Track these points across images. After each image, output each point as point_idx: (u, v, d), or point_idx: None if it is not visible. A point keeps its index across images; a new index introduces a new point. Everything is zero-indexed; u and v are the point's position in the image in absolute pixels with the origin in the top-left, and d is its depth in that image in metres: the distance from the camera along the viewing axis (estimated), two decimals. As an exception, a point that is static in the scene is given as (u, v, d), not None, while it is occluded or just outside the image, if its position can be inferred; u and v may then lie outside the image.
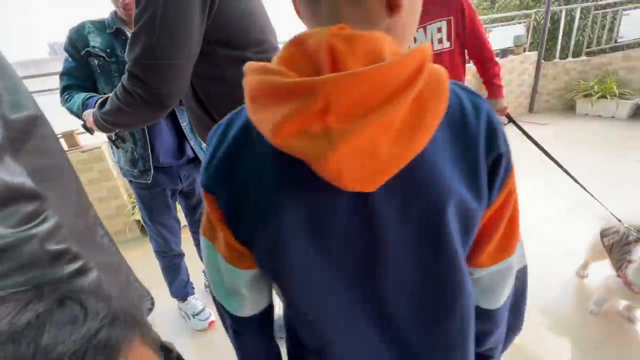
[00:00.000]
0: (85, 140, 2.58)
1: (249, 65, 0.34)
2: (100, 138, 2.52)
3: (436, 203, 0.36)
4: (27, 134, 0.44)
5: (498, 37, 4.62)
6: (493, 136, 0.37)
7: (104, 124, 0.92)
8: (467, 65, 1.75)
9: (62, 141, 2.48)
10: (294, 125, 0.30)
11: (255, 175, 0.37)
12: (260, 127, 0.33)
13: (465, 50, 1.71)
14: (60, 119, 2.45)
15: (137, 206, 2.59)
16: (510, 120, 1.75)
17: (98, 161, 2.49)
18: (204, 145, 1.43)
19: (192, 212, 1.66)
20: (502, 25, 4.75)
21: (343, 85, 0.29)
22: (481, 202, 0.38)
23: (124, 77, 0.77)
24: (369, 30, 0.32)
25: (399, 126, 0.30)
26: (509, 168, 0.39)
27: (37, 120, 0.47)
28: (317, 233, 0.37)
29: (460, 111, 0.37)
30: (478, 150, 0.37)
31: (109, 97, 0.87)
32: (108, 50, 1.26)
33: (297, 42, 0.32)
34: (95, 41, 1.25)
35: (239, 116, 0.40)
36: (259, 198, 0.37)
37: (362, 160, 0.30)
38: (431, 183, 0.35)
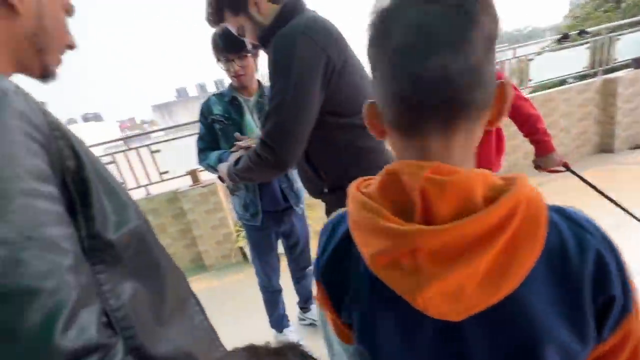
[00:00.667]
0: (205, 176, 3.06)
1: (352, 195, 0.40)
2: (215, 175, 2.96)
3: (528, 344, 0.35)
4: (127, 248, 0.52)
5: (627, 45, 3.89)
6: (603, 277, 0.34)
7: (235, 177, 1.12)
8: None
9: (188, 178, 3.00)
10: (388, 258, 0.36)
11: (355, 274, 0.42)
12: (359, 248, 0.39)
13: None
14: (184, 158, 3.00)
15: (241, 234, 2.92)
16: (569, 170, 1.53)
17: (213, 195, 2.92)
18: (301, 194, 1.70)
19: (291, 250, 1.85)
20: (631, 32, 4.00)
21: (432, 237, 0.33)
22: (586, 343, 0.36)
23: (257, 143, 0.96)
24: (454, 162, 0.35)
25: (485, 271, 0.33)
26: (626, 310, 0.36)
27: (137, 229, 0.54)
28: (406, 339, 0.40)
29: (560, 249, 0.35)
30: (582, 293, 0.34)
31: (242, 156, 1.07)
32: (226, 116, 1.54)
33: (393, 173, 0.37)
34: (217, 109, 1.55)
35: (343, 221, 0.46)
36: (357, 295, 0.42)
37: (447, 300, 0.34)
38: (523, 323, 0.35)
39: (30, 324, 0.34)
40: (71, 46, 0.60)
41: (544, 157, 1.51)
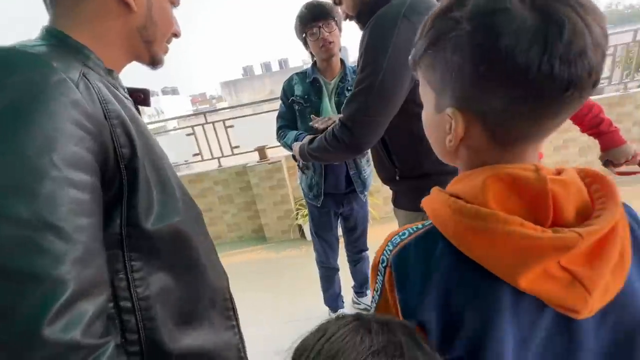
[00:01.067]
0: (271, 154, 3.21)
1: (457, 207, 0.37)
2: (282, 153, 3.08)
3: (636, 319, 0.39)
4: (164, 241, 0.52)
5: None
6: None
7: (308, 156, 1.13)
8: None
9: (256, 154, 3.17)
10: (539, 270, 0.34)
11: (470, 301, 0.38)
12: (487, 264, 0.36)
13: None
14: (255, 136, 3.17)
15: (300, 212, 3.03)
16: None
17: (277, 172, 3.04)
18: (368, 182, 1.68)
19: (349, 233, 1.88)
20: None
21: (586, 240, 0.33)
22: None
23: (336, 125, 0.94)
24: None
25: (613, 266, 0.35)
26: None
27: (180, 225, 0.54)
28: (521, 346, 0.39)
29: (635, 235, 0.40)
30: None
31: (318, 136, 1.07)
32: (305, 97, 1.56)
33: (507, 180, 0.36)
34: (298, 90, 1.58)
35: (430, 240, 0.40)
36: (474, 322, 0.38)
37: (601, 297, 0.35)
38: (631, 303, 0.38)
39: (27, 307, 0.35)
40: (176, 34, 0.62)
41: (616, 149, 1.26)
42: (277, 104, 1.72)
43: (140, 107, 0.66)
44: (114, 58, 0.55)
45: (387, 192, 1.12)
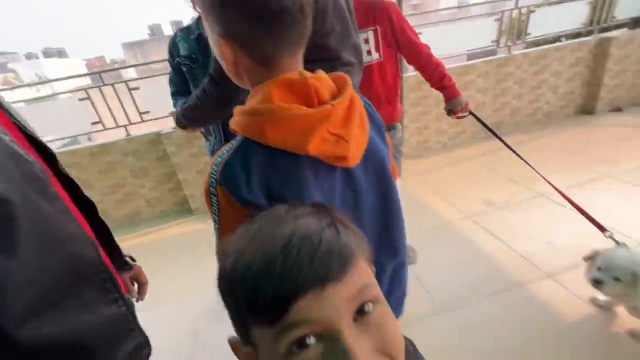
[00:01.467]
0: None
1: (252, 111, 0.48)
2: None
3: (382, 163, 0.60)
4: None
5: (629, 4, 3.76)
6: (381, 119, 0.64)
7: (182, 118, 1.10)
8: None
9: (171, 119, 2.87)
10: (318, 137, 0.48)
11: (285, 182, 0.50)
12: (286, 145, 0.48)
13: (404, 60, 1.66)
14: (167, 100, 2.86)
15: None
16: (472, 115, 1.69)
17: (198, 138, 2.80)
18: None
19: None
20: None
21: (338, 110, 0.50)
22: (387, 149, 0.64)
23: (205, 79, 0.93)
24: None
25: (358, 125, 0.53)
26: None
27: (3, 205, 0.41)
28: (327, 196, 0.54)
29: (371, 113, 0.62)
30: (383, 129, 0.63)
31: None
32: (193, 56, 1.35)
33: (283, 84, 0.49)
34: (184, 48, 1.37)
35: (244, 149, 0.50)
36: (290, 191, 0.51)
37: (356, 148, 0.53)
38: (376, 152, 0.59)
39: None
40: None
41: (454, 99, 1.61)
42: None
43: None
44: None
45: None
